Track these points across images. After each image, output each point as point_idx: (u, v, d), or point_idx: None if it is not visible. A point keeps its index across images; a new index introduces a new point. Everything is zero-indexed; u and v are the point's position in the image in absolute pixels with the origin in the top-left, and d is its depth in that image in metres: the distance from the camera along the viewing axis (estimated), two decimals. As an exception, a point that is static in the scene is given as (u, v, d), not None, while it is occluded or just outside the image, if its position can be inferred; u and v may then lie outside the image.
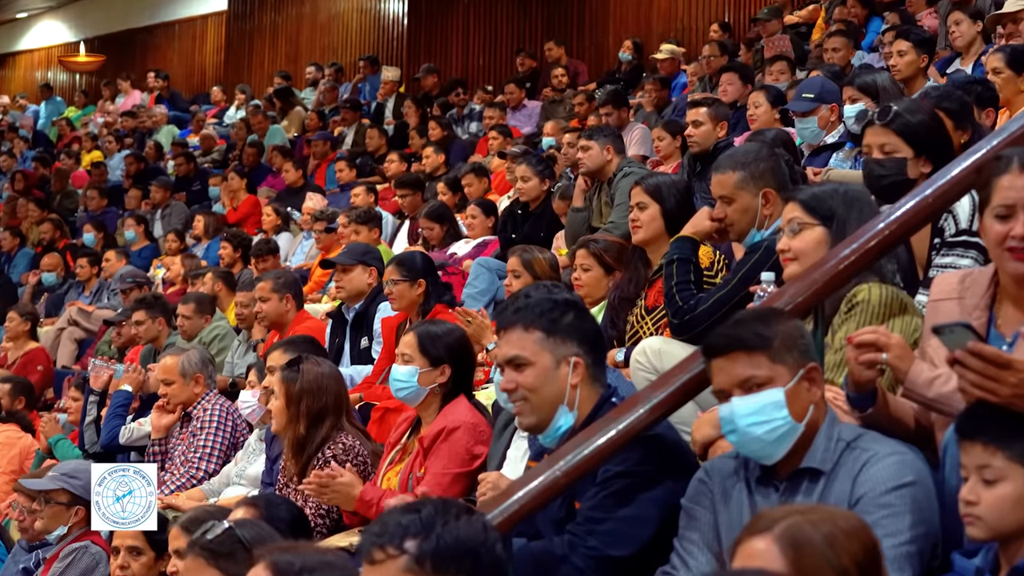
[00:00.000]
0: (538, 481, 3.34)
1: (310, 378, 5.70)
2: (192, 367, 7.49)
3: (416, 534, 2.66)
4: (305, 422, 5.67)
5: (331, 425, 5.66)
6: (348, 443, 5.62)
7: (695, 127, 8.12)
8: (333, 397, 5.70)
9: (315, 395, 5.67)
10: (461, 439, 5.22)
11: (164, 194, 16.46)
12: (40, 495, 6.12)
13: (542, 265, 7.05)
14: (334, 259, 7.98)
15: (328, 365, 5.83)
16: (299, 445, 5.69)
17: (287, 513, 4.50)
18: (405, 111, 16.59)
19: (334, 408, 5.69)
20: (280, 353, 6.39)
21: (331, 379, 5.75)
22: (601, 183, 8.48)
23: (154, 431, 7.56)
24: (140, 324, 10.00)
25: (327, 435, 5.64)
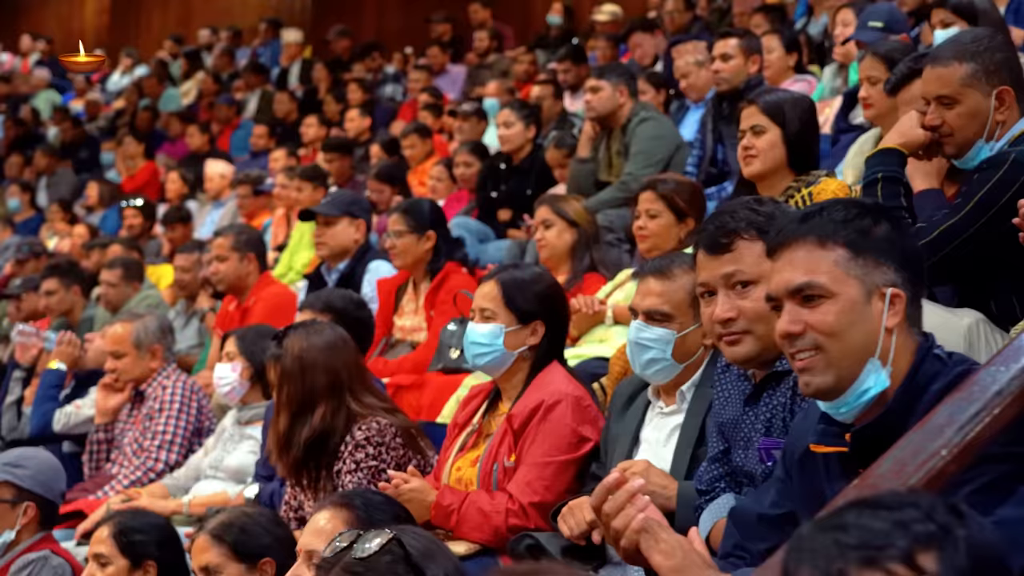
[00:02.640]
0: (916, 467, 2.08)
1: (292, 356, 4.35)
2: (149, 337, 6.08)
3: None
4: (286, 412, 4.34)
5: (328, 411, 4.32)
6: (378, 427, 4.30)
7: (724, 61, 6.91)
8: (326, 375, 4.34)
9: (298, 378, 4.33)
10: (564, 417, 3.95)
11: (49, 161, 14.83)
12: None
13: (578, 211, 5.80)
14: (315, 209, 6.61)
15: (326, 333, 4.45)
16: (281, 443, 4.36)
17: (389, 514, 3.18)
18: (316, 76, 15.20)
19: (328, 389, 4.33)
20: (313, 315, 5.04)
21: (326, 351, 4.37)
22: (611, 130, 7.25)
23: (99, 414, 6.13)
24: (52, 294, 8.53)
25: (324, 426, 4.30)
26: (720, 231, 3.14)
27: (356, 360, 4.48)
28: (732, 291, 3.13)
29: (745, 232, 3.12)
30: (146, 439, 5.94)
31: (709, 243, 3.16)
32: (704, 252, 3.18)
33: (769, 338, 3.00)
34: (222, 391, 5.60)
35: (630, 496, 2.49)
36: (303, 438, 4.29)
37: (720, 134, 6.81)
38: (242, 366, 5.54)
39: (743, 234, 3.12)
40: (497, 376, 4.16)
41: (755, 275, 3.09)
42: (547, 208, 5.78)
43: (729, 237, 3.13)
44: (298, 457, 4.31)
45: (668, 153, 7.02)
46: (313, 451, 4.31)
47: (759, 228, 3.10)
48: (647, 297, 3.75)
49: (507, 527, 3.84)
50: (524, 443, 3.95)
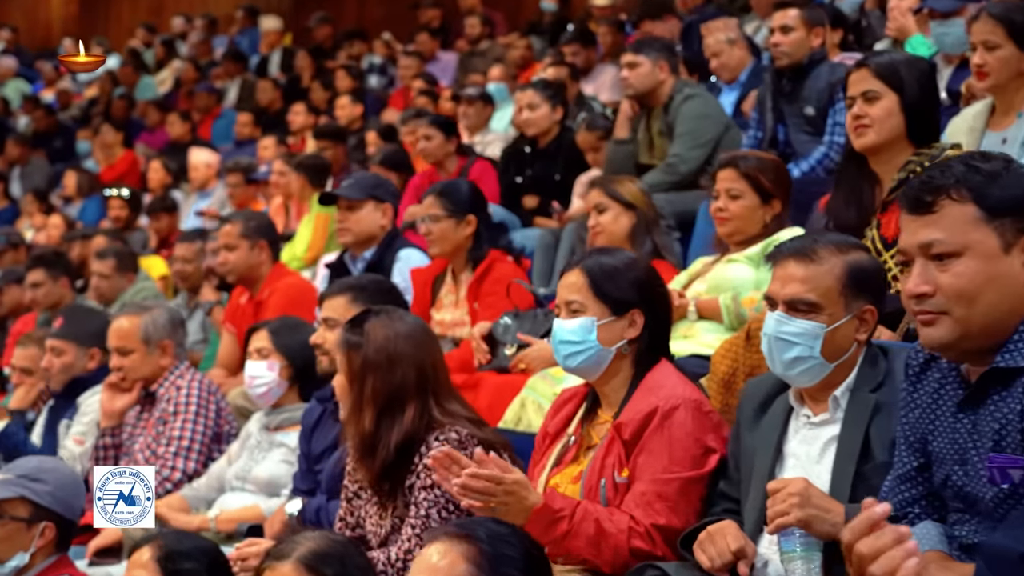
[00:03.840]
0: None
1: (378, 345, 3.73)
2: (158, 331, 5.42)
3: None
4: (371, 410, 3.72)
5: (417, 412, 3.71)
6: (458, 437, 3.69)
7: (783, 33, 6.30)
8: (415, 369, 3.74)
9: (385, 370, 3.72)
10: (684, 425, 3.33)
11: (22, 151, 14.09)
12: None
13: (634, 192, 5.19)
14: (337, 192, 5.96)
15: (410, 321, 3.85)
16: (366, 444, 3.73)
17: (519, 549, 2.56)
18: (299, 64, 14.52)
19: (417, 385, 3.73)
20: (345, 303, 4.41)
21: (412, 343, 3.77)
22: (651, 109, 6.64)
23: (104, 417, 5.46)
24: (38, 287, 7.86)
25: (411, 426, 3.69)
26: (925, 187, 2.53)
27: (440, 357, 3.86)
28: (930, 262, 2.53)
29: (955, 191, 2.51)
30: (160, 445, 5.29)
31: (910, 201, 2.55)
32: (904, 211, 2.57)
33: (974, 322, 2.42)
34: (256, 391, 4.96)
35: (899, 538, 1.89)
36: (395, 440, 3.67)
37: (781, 113, 6.22)
38: (279, 364, 4.90)
39: (952, 193, 2.51)
40: (594, 378, 3.54)
41: (959, 245, 2.50)
42: (599, 191, 5.15)
43: (934, 195, 2.52)
44: (387, 462, 3.67)
45: (717, 133, 6.43)
46: (402, 457, 3.69)
47: (974, 188, 2.50)
48: (788, 284, 3.15)
49: (629, 549, 3.23)
50: (638, 456, 3.33)
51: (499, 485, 3.19)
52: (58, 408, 5.91)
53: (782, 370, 3.15)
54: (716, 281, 4.65)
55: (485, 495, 3.19)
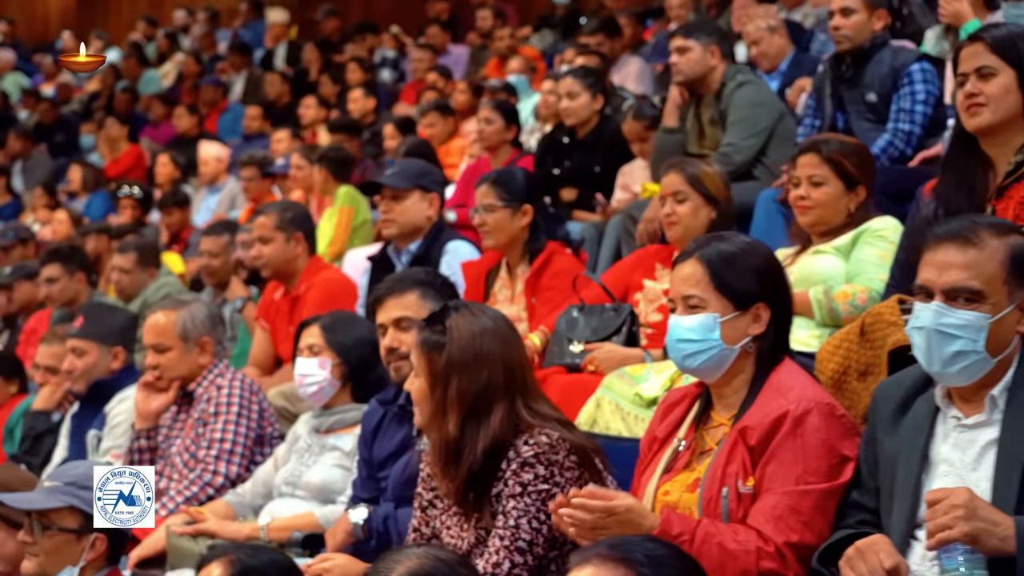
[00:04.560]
0: None
1: (463, 343, 3.41)
2: (197, 327, 5.08)
3: None
4: (456, 413, 3.39)
5: (504, 414, 3.38)
6: (549, 441, 3.36)
7: (844, 16, 5.95)
8: (502, 367, 3.40)
9: (471, 369, 3.39)
10: (818, 431, 3.01)
11: (24, 144, 13.72)
12: (32, 519, 3.69)
13: (714, 181, 4.83)
14: (382, 180, 5.62)
15: (493, 316, 3.52)
16: (451, 451, 3.41)
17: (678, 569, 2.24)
18: (306, 57, 14.19)
19: (505, 385, 3.40)
20: (416, 300, 4.06)
21: (497, 338, 3.44)
22: (700, 96, 6.32)
23: (139, 418, 5.11)
24: (54, 282, 7.52)
25: (499, 430, 3.36)
26: None
27: (525, 354, 3.53)
28: None
29: None
30: (200, 448, 4.95)
31: None
32: None
33: None
34: (307, 391, 4.62)
35: None
36: (482, 446, 3.34)
37: (841, 99, 5.89)
38: (332, 362, 4.57)
39: None
40: (713, 379, 3.21)
41: None
42: (680, 177, 4.78)
43: None
44: (474, 469, 3.35)
45: (772, 121, 6.11)
46: (489, 465, 3.36)
47: None
48: (947, 271, 2.82)
49: (759, 572, 2.90)
50: (766, 464, 3.01)
51: (610, 516, 2.90)
52: (83, 416, 5.55)
53: (940, 367, 2.82)
54: (803, 274, 4.33)
55: (595, 528, 2.90)
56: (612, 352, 4.51)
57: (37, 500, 3.66)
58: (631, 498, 2.97)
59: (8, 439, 6.23)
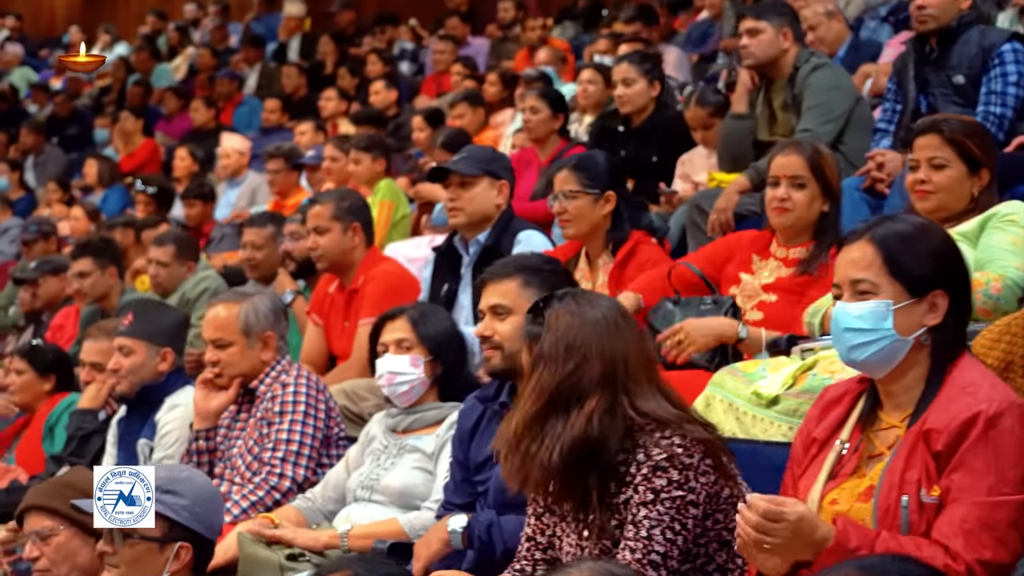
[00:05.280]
0: None
1: (558, 334, 3.08)
2: (260, 321, 4.74)
3: None
4: (535, 405, 3.07)
5: (598, 412, 3.04)
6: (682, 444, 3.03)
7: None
8: (599, 361, 3.07)
9: (559, 362, 3.07)
10: (1015, 435, 2.67)
11: (37, 138, 13.36)
12: (114, 528, 3.35)
13: (833, 170, 4.48)
14: (449, 166, 5.28)
15: (602, 305, 3.18)
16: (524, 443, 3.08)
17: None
18: (321, 50, 13.86)
19: (601, 381, 3.07)
20: (517, 287, 3.72)
21: (599, 329, 3.11)
22: (771, 80, 6.00)
23: (198, 418, 4.77)
24: (85, 276, 7.17)
25: (591, 430, 3.03)
26: None
27: (641, 348, 3.19)
28: None
29: None
30: (265, 450, 4.60)
31: None
32: None
33: None
34: (397, 391, 4.27)
35: None
36: (562, 443, 3.01)
37: (926, 82, 5.57)
38: (424, 358, 4.23)
39: None
40: (882, 374, 2.87)
41: None
42: (803, 161, 4.38)
43: None
44: (557, 468, 3.02)
45: (849, 106, 5.78)
46: (581, 465, 3.03)
47: None
48: None
49: (946, 593, 2.58)
50: (953, 472, 2.67)
51: (778, 523, 2.57)
52: (131, 423, 5.19)
53: None
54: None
55: (761, 536, 2.59)
56: (703, 323, 4.19)
57: None
58: (803, 506, 2.65)
59: (48, 438, 5.88)
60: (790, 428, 3.61)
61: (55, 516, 3.66)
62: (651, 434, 3.03)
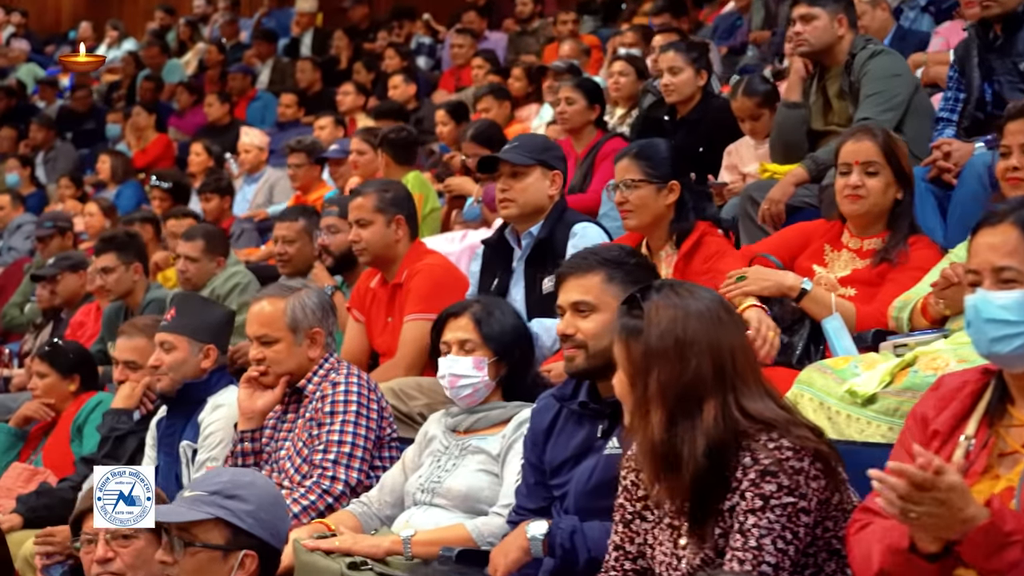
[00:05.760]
0: None
1: (663, 328, 2.86)
2: (307, 317, 4.51)
3: None
4: (661, 410, 2.84)
5: (718, 412, 2.83)
6: (791, 447, 2.81)
7: (994, -22, 5.42)
8: (709, 357, 2.86)
9: (674, 359, 2.84)
10: None
11: (47, 134, 13.12)
12: (172, 535, 3.12)
13: (904, 153, 4.29)
14: (501, 156, 5.06)
15: (703, 296, 2.95)
16: (660, 455, 2.86)
17: None
18: (335, 45, 13.65)
19: (714, 378, 2.85)
20: (600, 282, 3.49)
21: (704, 322, 2.89)
22: (826, 68, 5.78)
23: (243, 418, 4.55)
24: (109, 272, 6.94)
25: (718, 432, 2.82)
26: None
27: (743, 342, 2.98)
28: None
29: None
30: (316, 452, 4.37)
31: None
32: None
33: None
34: (460, 393, 4.03)
35: None
36: (701, 449, 2.80)
37: (991, 69, 5.34)
38: (488, 360, 4.00)
39: None
40: (1020, 368, 2.66)
41: None
42: (876, 147, 4.18)
43: None
44: (698, 475, 2.81)
45: (909, 93, 5.55)
46: (712, 470, 2.82)
47: None
48: None
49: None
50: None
51: (927, 491, 2.35)
52: (172, 423, 4.95)
53: None
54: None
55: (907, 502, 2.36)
56: (764, 270, 4.00)
57: (178, 512, 3.09)
58: (957, 476, 2.42)
59: (76, 439, 5.65)
60: (890, 428, 3.40)
61: None
62: (757, 437, 2.83)
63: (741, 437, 2.85)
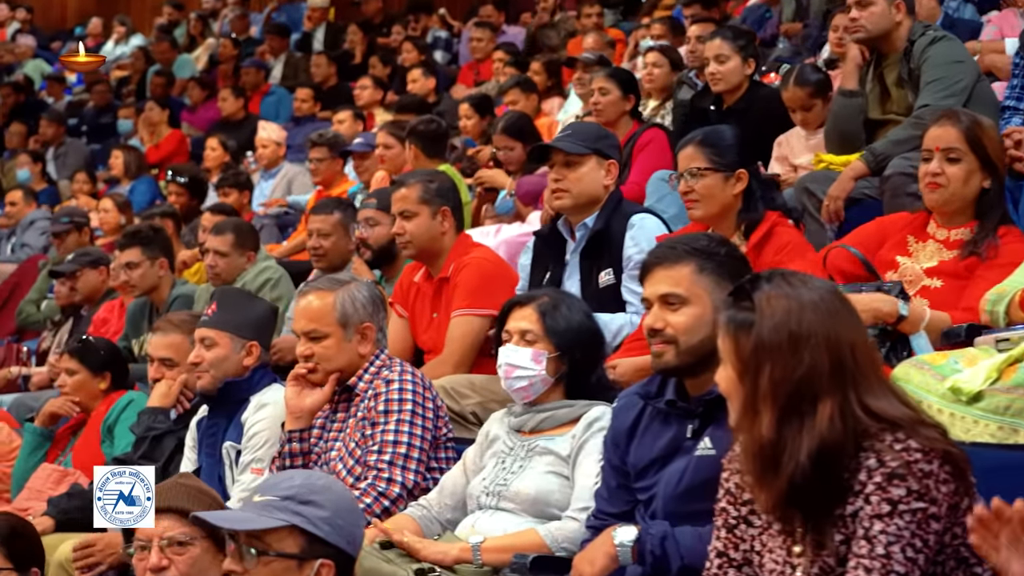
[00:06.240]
0: None
1: (776, 320, 2.65)
2: (358, 311, 4.29)
3: None
4: (771, 409, 2.63)
5: (835, 411, 2.62)
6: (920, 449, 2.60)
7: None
8: (826, 351, 2.64)
9: (787, 355, 2.63)
10: None
11: (57, 130, 12.89)
12: (241, 542, 2.89)
13: (994, 143, 4.07)
14: (555, 144, 4.83)
15: (817, 286, 2.73)
16: (766, 457, 2.65)
17: None
18: (350, 39, 13.44)
19: (832, 374, 2.64)
20: (691, 273, 3.27)
21: (820, 314, 2.67)
22: (883, 55, 5.57)
23: (291, 417, 4.32)
24: (134, 267, 6.73)
25: (833, 434, 2.61)
26: None
27: (863, 336, 2.76)
28: None
29: None
30: (370, 453, 4.15)
31: None
32: None
33: None
34: (514, 385, 3.82)
35: None
36: (807, 451, 2.59)
37: None
38: (548, 354, 3.78)
39: None
40: None
41: None
42: (958, 133, 3.98)
43: None
44: (796, 482, 2.60)
45: (971, 80, 5.35)
46: (818, 475, 2.61)
47: None
48: None
49: None
50: None
51: None
52: (214, 423, 4.71)
53: None
54: None
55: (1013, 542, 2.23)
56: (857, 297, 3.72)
57: (250, 519, 2.87)
58: None
59: (107, 439, 5.43)
60: (999, 427, 3.20)
61: (193, 523, 3.20)
62: (881, 437, 2.62)
63: (861, 437, 2.64)
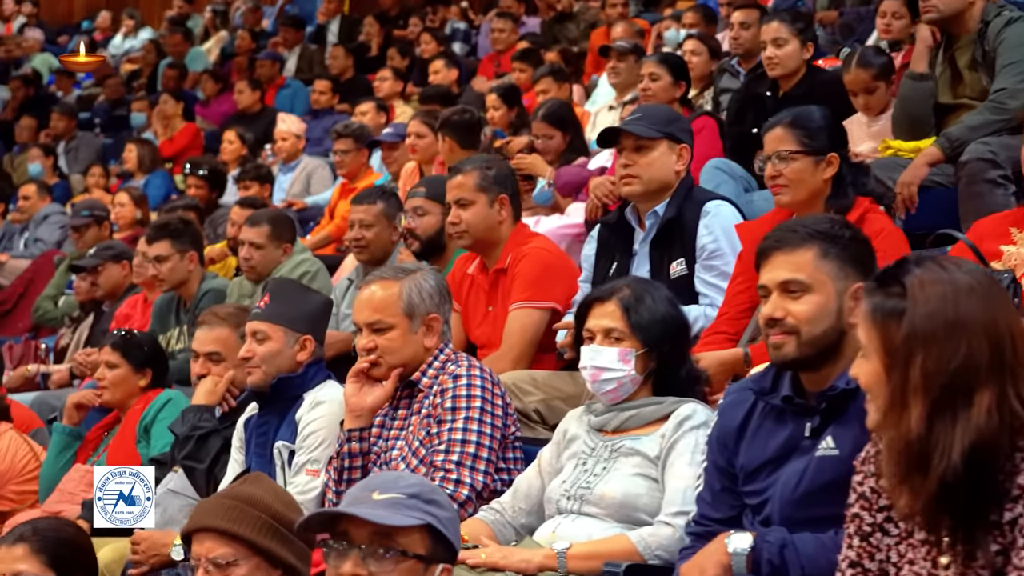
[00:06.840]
0: None
1: (930, 308, 2.40)
2: (424, 302, 4.04)
3: None
4: (921, 402, 2.38)
5: (992, 406, 2.37)
6: None
7: None
8: (985, 340, 2.39)
9: (942, 343, 2.38)
10: None
11: (68, 123, 12.63)
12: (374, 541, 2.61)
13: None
14: (625, 127, 4.57)
15: (970, 270, 2.48)
16: (915, 455, 2.40)
17: None
18: (366, 32, 13.20)
19: (991, 365, 2.39)
20: (814, 257, 3.01)
21: (977, 300, 2.42)
22: (954, 37, 5.32)
23: (350, 416, 4.05)
24: (163, 261, 6.47)
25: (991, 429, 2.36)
26: None
27: (1020, 324, 2.51)
28: None
29: None
30: (436, 452, 3.89)
31: None
32: None
33: None
34: (603, 388, 3.56)
35: None
36: (959, 448, 2.34)
37: None
38: (636, 352, 3.52)
39: None
40: None
41: None
42: None
43: None
44: (948, 479, 2.35)
45: (1052, 63, 5.12)
46: (972, 475, 2.36)
47: None
48: None
49: None
50: None
51: None
52: (265, 421, 4.42)
53: None
54: None
55: None
56: None
57: (385, 516, 2.61)
58: None
59: (143, 439, 5.17)
60: None
61: (235, 542, 2.94)
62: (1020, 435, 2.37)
63: (1018, 435, 2.39)
